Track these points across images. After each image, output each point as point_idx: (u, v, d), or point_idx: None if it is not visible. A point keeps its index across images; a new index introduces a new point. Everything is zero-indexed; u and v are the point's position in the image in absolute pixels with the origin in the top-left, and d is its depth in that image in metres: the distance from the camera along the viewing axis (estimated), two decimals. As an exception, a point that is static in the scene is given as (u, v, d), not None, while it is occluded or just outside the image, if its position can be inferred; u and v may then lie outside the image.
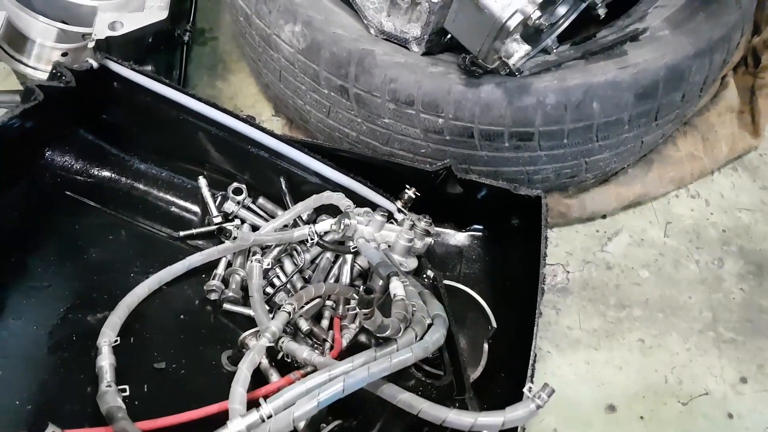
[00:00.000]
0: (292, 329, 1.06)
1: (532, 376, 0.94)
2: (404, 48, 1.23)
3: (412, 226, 1.07)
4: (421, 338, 0.84)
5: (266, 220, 1.27)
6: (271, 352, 0.98)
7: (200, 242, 1.23)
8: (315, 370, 0.96)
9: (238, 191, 1.26)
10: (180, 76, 1.52)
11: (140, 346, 0.93)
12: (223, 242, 1.20)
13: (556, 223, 1.46)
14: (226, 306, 1.12)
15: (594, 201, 1.46)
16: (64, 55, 1.19)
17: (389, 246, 1.07)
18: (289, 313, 1.00)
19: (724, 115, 1.62)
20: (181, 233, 1.20)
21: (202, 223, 1.26)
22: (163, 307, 1.05)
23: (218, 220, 1.23)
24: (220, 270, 1.16)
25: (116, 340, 0.88)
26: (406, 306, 0.86)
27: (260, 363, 0.97)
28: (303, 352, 0.93)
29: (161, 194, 1.23)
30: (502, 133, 1.20)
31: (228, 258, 1.19)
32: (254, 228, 1.25)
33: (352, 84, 1.23)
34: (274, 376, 0.97)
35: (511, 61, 1.08)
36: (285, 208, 1.27)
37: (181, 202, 1.25)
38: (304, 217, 1.25)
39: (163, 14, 1.13)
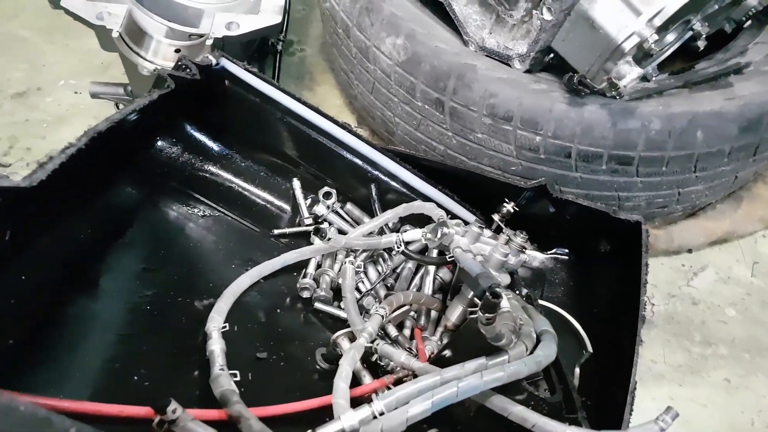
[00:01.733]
0: (381, 333, 1.06)
1: (632, 404, 0.91)
2: (505, 64, 1.24)
3: (508, 241, 1.06)
4: (531, 352, 0.82)
5: (352, 225, 1.27)
6: (363, 354, 0.97)
7: (287, 240, 1.24)
8: (409, 375, 0.95)
9: (328, 195, 1.28)
10: (272, 82, 1.55)
11: (242, 335, 0.94)
12: (312, 243, 1.22)
13: (641, 253, 1.43)
14: (317, 305, 1.12)
15: (681, 234, 1.43)
16: (176, 51, 1.23)
17: (483, 259, 1.06)
18: (382, 316, 1.00)
19: (816, 157, 1.57)
20: (276, 231, 1.21)
21: (292, 223, 1.27)
22: (259, 299, 1.06)
23: (309, 221, 1.24)
24: (311, 269, 1.17)
25: (224, 326, 0.89)
26: (513, 318, 0.84)
27: (353, 363, 0.96)
28: (400, 356, 0.92)
29: (257, 191, 1.25)
30: (601, 155, 1.19)
31: (317, 259, 1.20)
32: (340, 232, 1.26)
33: (449, 97, 1.24)
34: (367, 378, 0.97)
35: (621, 83, 1.07)
36: (371, 214, 1.27)
37: (275, 201, 1.26)
38: (390, 225, 1.26)
39: (278, 18, 1.17)
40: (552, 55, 1.20)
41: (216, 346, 0.84)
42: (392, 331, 1.07)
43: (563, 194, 1.19)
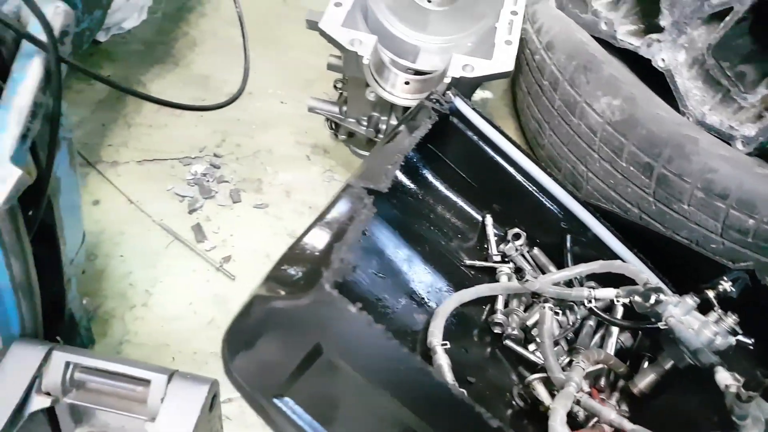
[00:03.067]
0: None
1: None
2: (725, 143, 1.25)
3: (718, 320, 1.06)
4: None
5: (536, 270, 1.31)
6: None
7: (474, 272, 1.30)
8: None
9: (517, 236, 1.32)
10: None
11: (450, 356, 1.00)
12: (498, 279, 1.27)
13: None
14: (507, 342, 1.16)
15: None
16: (406, 83, 1.34)
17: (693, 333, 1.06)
18: (582, 368, 1.02)
19: None
20: (467, 261, 1.27)
21: (476, 254, 1.33)
22: (455, 325, 1.12)
23: (497, 258, 1.30)
24: (500, 306, 1.22)
25: (446, 344, 0.95)
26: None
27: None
28: (610, 413, 0.94)
29: (453, 220, 1.32)
30: (815, 248, 1.16)
31: (504, 296, 1.24)
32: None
33: (661, 164, 1.26)
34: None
35: None
36: (556, 262, 1.31)
37: (466, 231, 1.33)
38: (577, 278, 1.28)
39: (510, 67, 1.25)
40: (774, 142, 1.19)
41: (443, 360, 0.90)
42: (585, 386, 1.08)
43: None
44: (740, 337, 1.28)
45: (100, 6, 1.54)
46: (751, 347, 1.28)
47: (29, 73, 0.76)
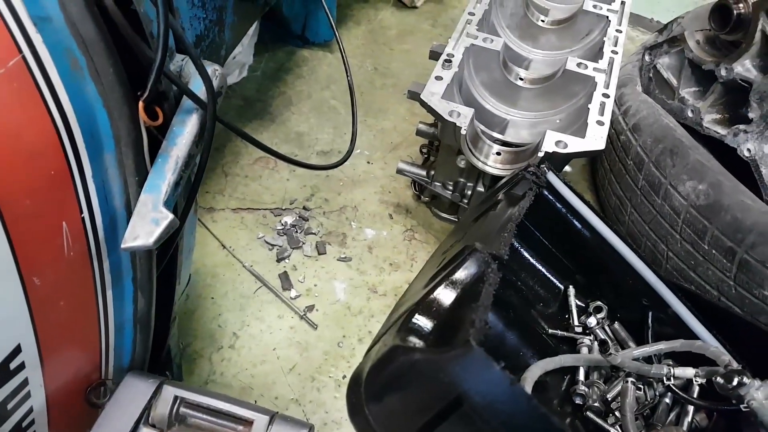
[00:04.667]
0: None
1: None
2: (813, 234, 1.27)
3: (803, 408, 1.06)
4: None
5: (615, 345, 1.33)
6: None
7: (555, 341, 1.33)
8: None
9: (598, 309, 1.35)
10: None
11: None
12: (578, 351, 1.29)
13: None
14: (589, 414, 1.18)
15: None
16: (497, 154, 1.43)
17: None
18: (666, 446, 1.04)
19: None
20: (550, 330, 1.31)
21: (556, 323, 1.36)
22: (537, 393, 1.15)
23: (578, 329, 1.33)
24: (581, 377, 1.24)
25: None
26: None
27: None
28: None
29: (536, 288, 1.36)
30: None
31: (585, 368, 1.27)
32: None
33: (744, 250, 1.28)
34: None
35: None
36: (636, 338, 1.33)
37: (548, 300, 1.37)
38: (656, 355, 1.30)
39: (602, 145, 1.32)
40: None
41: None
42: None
43: None
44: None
45: (218, 63, 1.70)
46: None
47: (188, 128, 0.83)
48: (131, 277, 0.85)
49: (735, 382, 1.08)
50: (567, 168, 1.99)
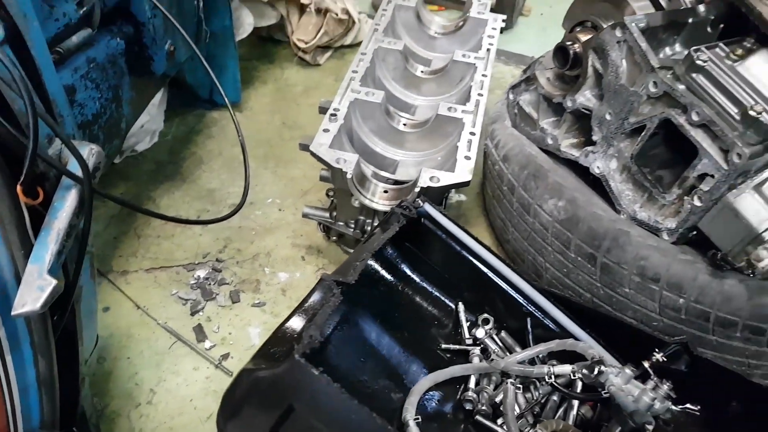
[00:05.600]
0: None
1: None
2: (654, 234, 1.47)
3: (655, 387, 1.22)
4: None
5: (504, 351, 1.48)
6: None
7: (449, 355, 1.47)
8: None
9: (486, 321, 1.50)
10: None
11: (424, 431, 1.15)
12: (471, 361, 1.43)
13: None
14: (478, 418, 1.31)
15: (811, 410, 1.50)
16: (384, 192, 1.58)
17: (633, 399, 1.22)
18: (540, 435, 1.17)
19: None
20: (443, 345, 1.44)
21: (452, 339, 1.50)
22: (431, 403, 1.27)
23: (469, 342, 1.47)
24: (471, 384, 1.37)
25: (418, 418, 1.11)
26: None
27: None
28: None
29: (429, 308, 1.50)
30: (736, 323, 1.35)
31: (476, 376, 1.40)
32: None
33: (602, 254, 1.47)
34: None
35: (760, 265, 1.27)
36: (522, 344, 1.48)
37: (442, 318, 1.51)
38: (539, 357, 1.45)
39: (469, 177, 1.50)
40: (695, 232, 1.42)
41: (415, 433, 1.05)
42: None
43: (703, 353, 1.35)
44: (688, 405, 1.45)
45: (119, 136, 1.77)
46: (698, 413, 1.43)
47: (67, 202, 0.92)
48: (29, 342, 0.93)
49: (596, 372, 1.24)
50: (463, 197, 2.18)
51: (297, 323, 0.96)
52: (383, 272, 1.46)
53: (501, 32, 2.09)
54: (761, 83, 1.26)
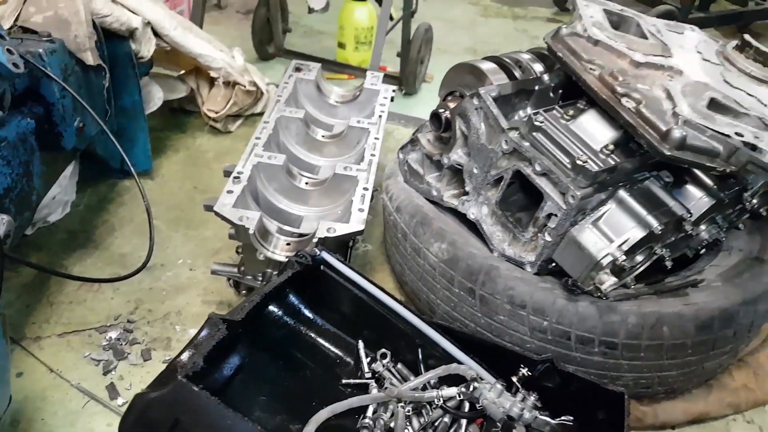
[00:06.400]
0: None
1: None
2: (520, 267, 1.71)
3: (523, 399, 1.42)
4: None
5: (400, 382, 1.64)
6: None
7: (350, 389, 1.61)
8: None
9: (384, 355, 1.66)
10: (341, 269, 2.04)
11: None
12: (370, 392, 1.58)
13: (635, 426, 1.73)
14: (373, 443, 1.45)
15: (665, 412, 1.74)
16: (287, 244, 1.74)
17: (505, 411, 1.40)
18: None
19: (774, 358, 1.94)
20: (344, 381, 1.59)
21: (354, 374, 1.64)
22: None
23: (368, 375, 1.62)
24: (369, 413, 1.51)
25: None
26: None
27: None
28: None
29: (331, 347, 1.65)
30: (593, 339, 1.59)
31: (374, 405, 1.55)
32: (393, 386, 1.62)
33: (479, 287, 1.69)
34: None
35: (602, 287, 1.52)
36: (418, 373, 1.65)
37: (343, 356, 1.65)
38: (431, 383, 1.62)
39: (362, 227, 1.69)
40: (553, 264, 1.67)
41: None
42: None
43: (566, 368, 1.57)
44: (563, 418, 1.65)
45: (30, 208, 1.84)
46: (572, 424, 1.64)
47: None
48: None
49: (471, 388, 1.43)
50: (369, 246, 2.37)
51: (184, 355, 1.10)
52: (286, 317, 1.61)
53: (408, 97, 2.36)
54: (588, 137, 1.56)
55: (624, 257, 1.49)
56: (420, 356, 1.63)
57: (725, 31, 5.15)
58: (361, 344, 1.67)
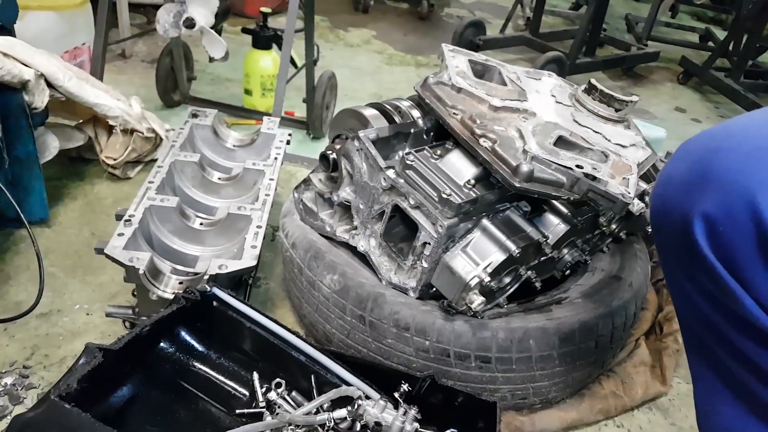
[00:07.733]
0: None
1: None
2: (404, 293, 1.85)
3: (405, 412, 1.54)
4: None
5: (295, 408, 1.72)
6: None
7: (246, 419, 1.67)
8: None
9: (278, 385, 1.74)
10: (241, 306, 2.11)
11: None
12: (264, 419, 1.64)
13: (513, 435, 1.89)
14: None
15: (542, 421, 1.91)
16: (180, 283, 1.80)
17: (387, 425, 1.52)
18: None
19: (638, 366, 2.17)
20: (237, 411, 1.64)
21: (250, 405, 1.71)
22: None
23: (263, 404, 1.69)
24: (263, 439, 1.58)
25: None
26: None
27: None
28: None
29: (225, 380, 1.71)
30: (469, 355, 1.74)
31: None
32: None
33: (368, 314, 1.81)
34: None
35: (473, 306, 1.69)
36: (311, 400, 1.73)
37: (239, 388, 1.72)
38: (325, 407, 1.71)
39: (254, 262, 1.78)
40: (433, 288, 1.82)
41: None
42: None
43: (446, 383, 1.71)
44: (449, 431, 1.78)
45: None
46: (456, 435, 1.77)
47: None
48: None
49: (356, 407, 1.53)
50: (271, 283, 2.45)
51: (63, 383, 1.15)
52: (179, 353, 1.66)
53: (316, 140, 2.47)
54: (454, 173, 1.74)
55: (489, 278, 1.67)
56: (314, 383, 1.72)
57: (611, 73, 5.71)
58: (255, 375, 1.74)
